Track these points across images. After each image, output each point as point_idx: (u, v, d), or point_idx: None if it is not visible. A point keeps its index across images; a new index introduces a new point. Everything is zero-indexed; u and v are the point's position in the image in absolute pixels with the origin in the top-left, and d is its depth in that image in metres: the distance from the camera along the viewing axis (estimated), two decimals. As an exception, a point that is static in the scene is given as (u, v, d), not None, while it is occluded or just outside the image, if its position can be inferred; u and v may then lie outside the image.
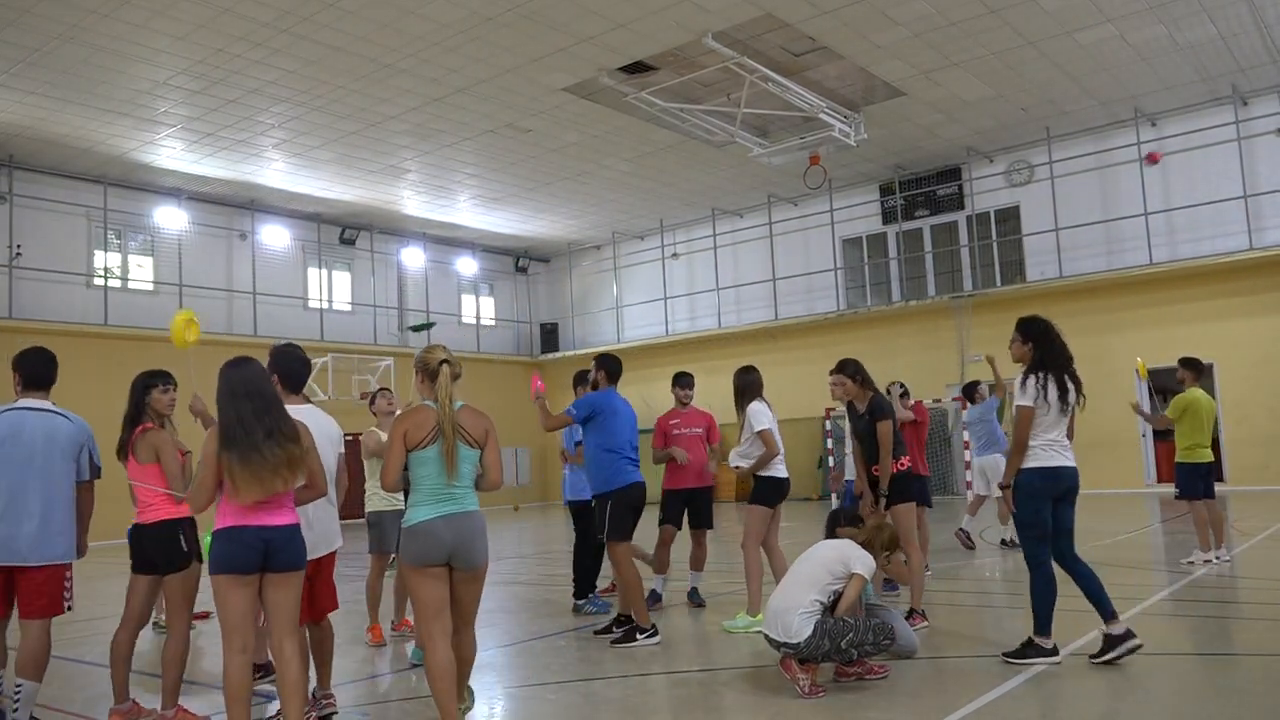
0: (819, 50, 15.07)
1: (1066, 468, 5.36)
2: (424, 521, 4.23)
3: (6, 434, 4.65)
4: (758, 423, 6.81)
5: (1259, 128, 17.99)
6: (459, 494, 4.28)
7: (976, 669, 5.30)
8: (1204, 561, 8.71)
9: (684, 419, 7.97)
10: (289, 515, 4.05)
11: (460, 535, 4.24)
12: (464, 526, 4.25)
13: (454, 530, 4.23)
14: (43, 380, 4.87)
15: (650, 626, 6.33)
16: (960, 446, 20.29)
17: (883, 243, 22.85)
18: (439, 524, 4.22)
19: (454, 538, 4.23)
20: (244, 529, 3.91)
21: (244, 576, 3.91)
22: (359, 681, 5.81)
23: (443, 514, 4.23)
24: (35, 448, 4.66)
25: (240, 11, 12.84)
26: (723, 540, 13.30)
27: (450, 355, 4.42)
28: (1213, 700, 4.61)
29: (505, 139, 18.25)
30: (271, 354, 4.77)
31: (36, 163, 18.40)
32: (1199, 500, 8.84)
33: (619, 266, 26.46)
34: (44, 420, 4.74)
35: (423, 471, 4.26)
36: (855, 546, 5.27)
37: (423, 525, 4.22)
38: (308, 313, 23.05)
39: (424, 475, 4.27)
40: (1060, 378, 5.47)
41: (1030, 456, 5.34)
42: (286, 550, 3.99)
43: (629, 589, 6.38)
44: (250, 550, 3.90)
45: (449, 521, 4.22)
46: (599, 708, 5.04)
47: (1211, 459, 8.97)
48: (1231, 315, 18.15)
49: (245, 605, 3.95)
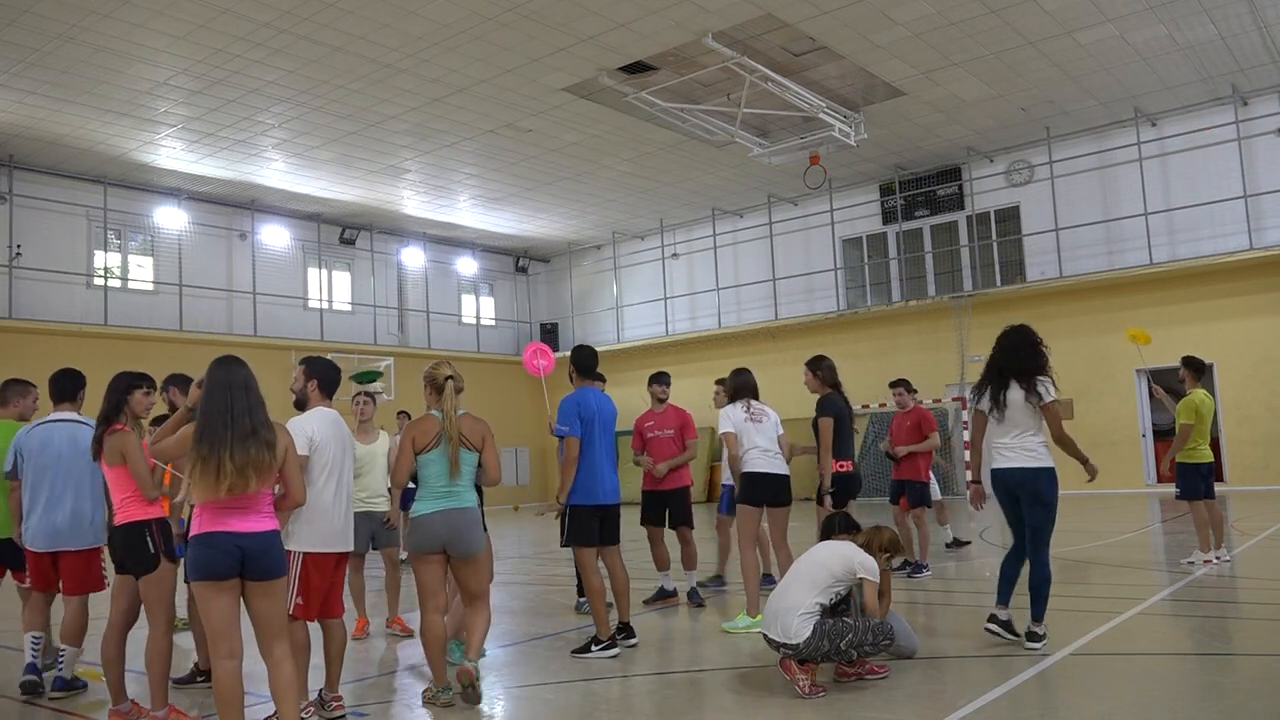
0: (819, 50, 15.07)
1: (998, 470, 5.80)
2: (423, 515, 4.99)
3: (38, 446, 5.58)
4: (721, 426, 6.87)
5: (1259, 128, 17.98)
6: (458, 491, 5.03)
7: (976, 669, 5.30)
8: (1204, 562, 8.69)
9: (659, 420, 8.19)
10: (267, 522, 4.02)
11: (454, 528, 4.96)
12: (458, 520, 4.98)
13: (449, 524, 4.95)
14: (67, 395, 5.75)
15: (608, 639, 6.06)
16: (961, 447, 20.34)
17: (883, 243, 22.85)
18: (436, 518, 4.95)
19: (448, 530, 4.95)
20: (218, 534, 3.88)
21: (221, 582, 3.88)
22: (359, 682, 5.80)
23: (440, 509, 4.96)
24: (62, 453, 5.54)
25: (240, 11, 12.84)
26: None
27: (455, 371, 5.11)
28: (1213, 700, 4.61)
29: (505, 139, 18.25)
30: (307, 363, 5.08)
31: (36, 163, 18.40)
32: (1199, 500, 8.83)
33: (619, 266, 26.46)
34: (68, 430, 5.62)
35: (427, 472, 5.00)
36: (855, 548, 5.27)
37: (423, 519, 4.98)
38: (308, 313, 23.05)
39: (429, 475, 5.01)
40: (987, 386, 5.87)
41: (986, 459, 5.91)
42: (264, 557, 3.95)
43: (591, 596, 6.15)
44: (226, 555, 3.87)
45: (445, 516, 4.95)
46: (599, 708, 5.04)
47: (1212, 459, 8.97)
48: (1231, 315, 18.15)
49: (226, 611, 3.90)
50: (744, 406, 6.91)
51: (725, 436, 6.83)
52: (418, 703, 5.09)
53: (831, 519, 5.85)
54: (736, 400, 6.97)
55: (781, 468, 6.87)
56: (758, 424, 6.85)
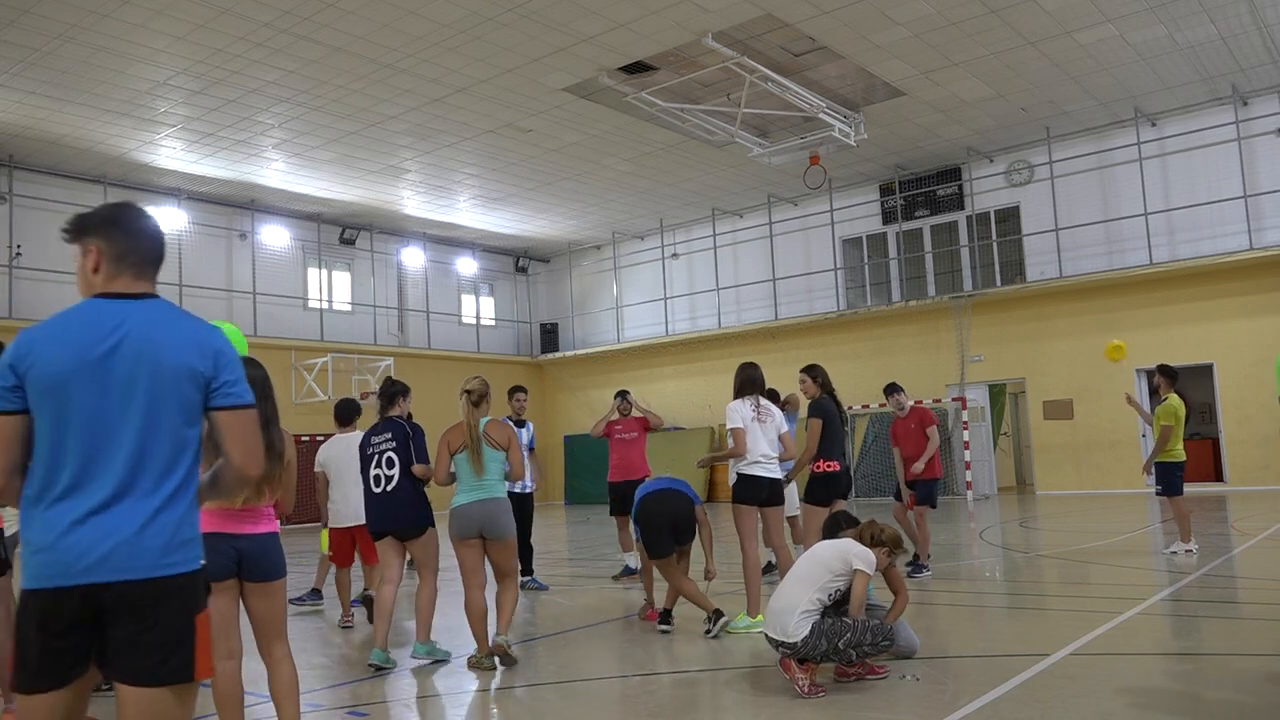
0: (819, 50, 15.07)
1: None
2: (460, 505, 5.87)
3: None
4: (730, 421, 6.79)
5: (1259, 128, 17.98)
6: (487, 484, 5.90)
7: (976, 669, 5.30)
8: (1185, 552, 9.34)
9: (624, 425, 9.84)
10: (267, 524, 4.00)
11: (486, 514, 5.85)
12: (491, 508, 5.87)
13: (482, 511, 5.84)
14: None
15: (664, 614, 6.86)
16: (960, 447, 20.35)
17: (883, 243, 22.85)
18: (472, 507, 5.84)
19: (481, 516, 5.84)
20: (214, 536, 3.84)
21: (218, 584, 3.85)
22: (359, 682, 5.81)
23: (474, 499, 5.85)
24: None
25: (240, 11, 12.84)
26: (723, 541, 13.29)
27: (473, 385, 6.00)
28: (1212, 700, 4.61)
29: (505, 139, 18.25)
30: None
31: (36, 163, 18.41)
32: (1179, 496, 9.58)
33: (619, 266, 26.46)
34: None
35: (460, 470, 5.95)
36: (852, 542, 5.28)
37: (460, 509, 5.86)
38: (308, 313, 23.04)
39: (461, 472, 5.94)
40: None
41: None
42: (263, 559, 3.93)
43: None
44: (222, 557, 3.84)
45: (481, 505, 5.85)
46: (599, 707, 5.04)
47: (1185, 458, 9.76)
48: (1231, 315, 18.14)
49: (225, 612, 3.89)
50: (752, 404, 6.86)
51: (735, 433, 6.72)
52: (416, 703, 5.10)
53: (834, 517, 5.84)
54: (744, 396, 6.90)
55: (775, 471, 6.87)
56: (762, 424, 6.83)
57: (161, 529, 2.33)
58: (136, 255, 2.49)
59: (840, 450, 7.68)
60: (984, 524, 13.35)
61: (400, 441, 6.17)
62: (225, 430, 2.47)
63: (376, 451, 6.24)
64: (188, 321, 2.49)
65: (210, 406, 2.45)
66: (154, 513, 2.32)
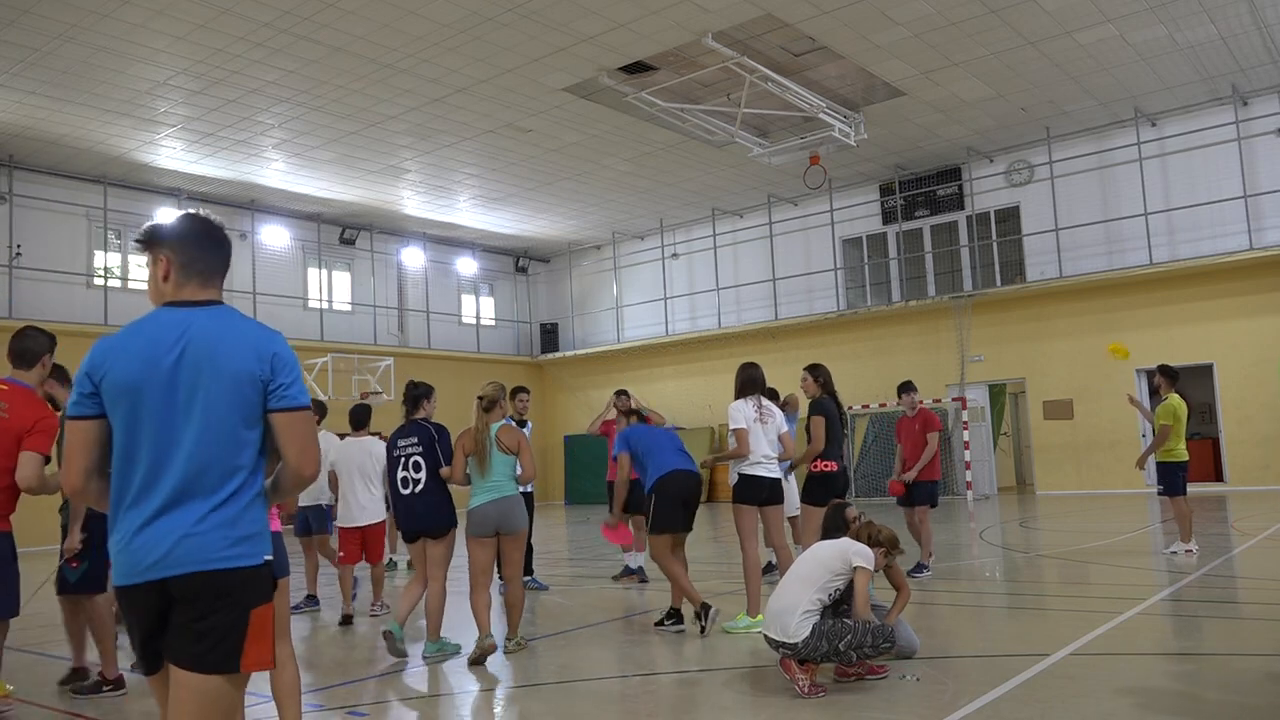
0: (819, 50, 15.07)
1: None
2: (477, 506, 6.22)
3: None
4: (733, 421, 6.80)
5: (1259, 128, 17.98)
6: (500, 484, 6.24)
7: (976, 669, 5.30)
8: (1185, 552, 9.32)
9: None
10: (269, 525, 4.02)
11: (502, 511, 6.21)
12: (505, 506, 6.23)
13: (497, 509, 6.21)
14: None
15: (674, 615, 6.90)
16: (960, 447, 20.35)
17: (883, 243, 22.85)
18: (488, 507, 6.19)
19: (496, 514, 6.20)
20: None
21: None
22: (358, 682, 5.81)
23: (489, 499, 6.20)
24: None
25: (240, 11, 12.84)
26: (722, 541, 13.31)
27: (485, 392, 6.33)
28: (1212, 700, 4.61)
29: (505, 139, 18.25)
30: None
31: (36, 163, 18.40)
32: (1181, 496, 9.53)
33: (619, 266, 26.46)
34: None
35: (473, 471, 6.26)
36: (854, 543, 5.28)
37: (477, 509, 6.21)
38: (308, 313, 23.04)
39: (475, 474, 6.26)
40: None
41: None
42: None
43: None
44: None
45: (496, 504, 6.20)
46: (599, 707, 5.03)
47: (1188, 457, 9.67)
48: (1231, 315, 18.14)
49: None
50: (754, 405, 6.86)
51: (738, 433, 6.72)
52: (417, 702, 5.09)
53: (834, 509, 5.85)
54: (746, 396, 6.91)
55: (775, 471, 6.88)
56: (764, 425, 6.83)
57: (219, 525, 2.45)
58: (203, 264, 2.62)
59: (839, 450, 7.71)
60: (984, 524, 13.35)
61: (426, 444, 6.35)
62: (281, 431, 2.56)
63: (403, 455, 6.33)
64: (247, 326, 2.58)
65: (268, 409, 2.54)
66: (212, 510, 2.44)
